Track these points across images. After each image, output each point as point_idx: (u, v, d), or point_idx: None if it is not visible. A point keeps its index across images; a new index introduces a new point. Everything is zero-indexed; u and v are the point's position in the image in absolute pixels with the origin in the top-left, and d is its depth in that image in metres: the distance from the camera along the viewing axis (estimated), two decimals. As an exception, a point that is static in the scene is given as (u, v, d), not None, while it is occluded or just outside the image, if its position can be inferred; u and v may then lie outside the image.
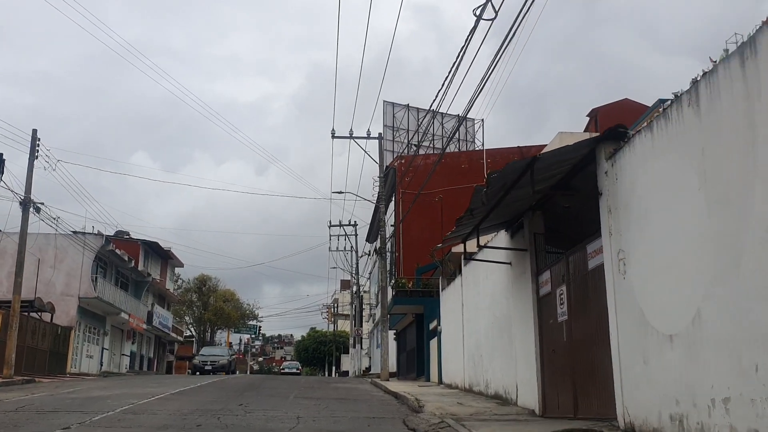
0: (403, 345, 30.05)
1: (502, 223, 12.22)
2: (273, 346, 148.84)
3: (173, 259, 44.76)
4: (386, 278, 24.03)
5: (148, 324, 38.29)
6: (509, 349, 12.06)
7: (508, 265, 12.13)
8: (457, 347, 16.96)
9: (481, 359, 14.32)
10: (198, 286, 55.97)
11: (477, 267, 14.77)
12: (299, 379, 27.32)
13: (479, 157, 33.03)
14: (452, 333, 17.71)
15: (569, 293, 9.34)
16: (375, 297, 49.15)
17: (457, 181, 32.65)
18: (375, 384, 21.51)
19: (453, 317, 17.57)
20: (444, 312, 19.12)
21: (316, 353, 79.37)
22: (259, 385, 19.20)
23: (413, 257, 30.28)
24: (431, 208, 32.60)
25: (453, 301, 17.64)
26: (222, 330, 60.97)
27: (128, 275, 36.59)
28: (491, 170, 9.98)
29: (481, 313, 14.26)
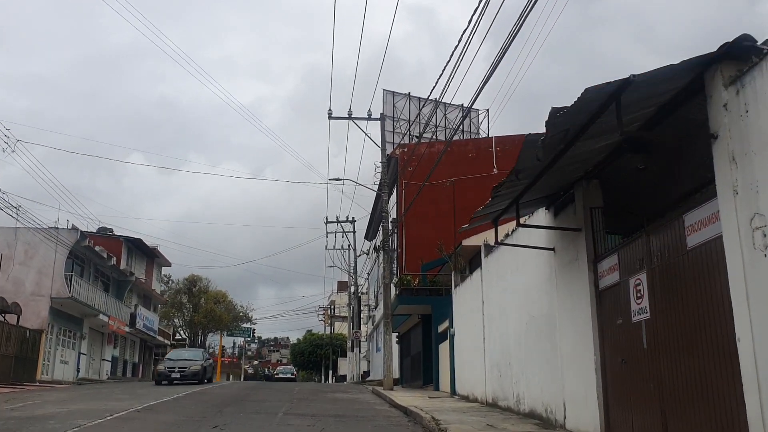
0: (407, 349, 27.54)
1: (542, 199, 9.78)
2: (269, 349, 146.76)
3: (159, 257, 42.15)
4: (390, 274, 21.56)
5: (131, 326, 35.69)
6: (552, 358, 9.61)
7: (549, 251, 9.69)
8: (475, 353, 14.50)
9: (509, 369, 11.85)
10: (188, 286, 53.34)
11: (503, 258, 12.32)
12: (293, 386, 24.81)
13: (488, 145, 30.61)
14: (469, 336, 15.25)
15: (652, 283, 6.90)
16: (374, 298, 46.66)
17: (464, 171, 30.26)
18: (378, 394, 19.01)
19: (470, 318, 15.12)
20: (457, 312, 16.66)
21: (312, 357, 76.83)
22: (245, 396, 16.68)
23: (417, 254, 27.81)
24: (437, 200, 30.16)
25: (469, 300, 15.19)
26: (213, 333, 58.33)
27: (109, 274, 34.02)
28: (531, 136, 7.58)
29: (510, 313, 11.80)
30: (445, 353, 18.88)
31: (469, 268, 21.26)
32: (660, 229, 6.88)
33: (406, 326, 26.29)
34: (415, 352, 25.38)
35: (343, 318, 66.77)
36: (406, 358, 27.50)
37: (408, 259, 28.90)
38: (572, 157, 7.59)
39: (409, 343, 26.86)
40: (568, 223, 8.97)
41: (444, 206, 29.98)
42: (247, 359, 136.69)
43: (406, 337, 27.50)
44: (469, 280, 15.40)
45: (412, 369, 25.68)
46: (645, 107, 6.27)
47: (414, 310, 22.56)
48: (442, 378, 19.54)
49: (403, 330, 27.08)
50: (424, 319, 23.07)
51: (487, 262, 13.67)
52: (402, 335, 28.17)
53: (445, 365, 18.79)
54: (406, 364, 27.17)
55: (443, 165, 30.75)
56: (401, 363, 27.92)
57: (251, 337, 73.99)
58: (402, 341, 28.46)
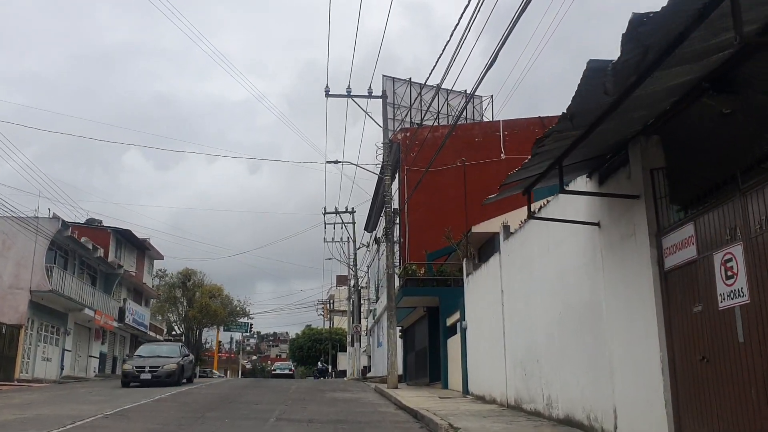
0: (411, 344, 25.91)
1: (580, 165, 8.14)
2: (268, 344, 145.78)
3: (151, 249, 40.47)
4: (392, 264, 19.91)
5: (119, 321, 34.01)
6: (596, 354, 7.98)
7: (592, 227, 8.05)
8: (493, 349, 12.87)
9: (537, 366, 10.22)
10: (182, 280, 51.64)
11: (529, 240, 10.68)
12: (290, 384, 23.20)
13: (494, 129, 28.95)
14: (484, 330, 13.62)
15: (753, 258, 5.26)
16: (375, 291, 45.03)
17: (470, 156, 28.60)
18: (381, 393, 17.40)
19: (485, 310, 13.49)
20: (470, 304, 15.02)
21: (311, 352, 75.34)
22: (234, 398, 15.05)
23: (421, 244, 26.18)
24: (441, 187, 28.51)
25: (485, 290, 13.56)
26: (209, 328, 56.70)
27: (96, 267, 32.34)
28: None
29: (539, 303, 10.16)
30: (455, 349, 17.26)
31: (479, 257, 19.65)
32: (761, 185, 5.23)
33: (411, 320, 24.67)
34: (420, 347, 23.77)
35: (342, 312, 65.24)
36: (410, 353, 25.88)
37: (411, 249, 27.26)
38: (638, 100, 5.93)
39: (413, 337, 25.25)
40: (621, 191, 7.32)
41: (449, 193, 28.35)
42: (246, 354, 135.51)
43: (411, 331, 25.89)
44: (484, 268, 13.75)
45: (417, 365, 24.07)
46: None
47: (419, 302, 20.93)
48: (451, 375, 17.92)
49: (406, 324, 25.45)
50: (430, 312, 21.44)
51: (507, 246, 12.02)
52: (406, 329, 26.56)
53: (455, 362, 17.17)
54: (411, 360, 25.56)
55: (447, 150, 29.07)
56: (405, 359, 26.31)
57: (248, 332, 72.32)
58: (406, 335, 26.85)
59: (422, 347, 23.06)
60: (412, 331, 25.51)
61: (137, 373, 19.55)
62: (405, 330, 26.67)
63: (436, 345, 20.48)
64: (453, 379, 17.64)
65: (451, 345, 18.14)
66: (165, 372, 19.66)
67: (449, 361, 18.25)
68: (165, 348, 22.37)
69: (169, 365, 19.96)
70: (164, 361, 20.16)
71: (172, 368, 19.93)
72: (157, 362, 19.98)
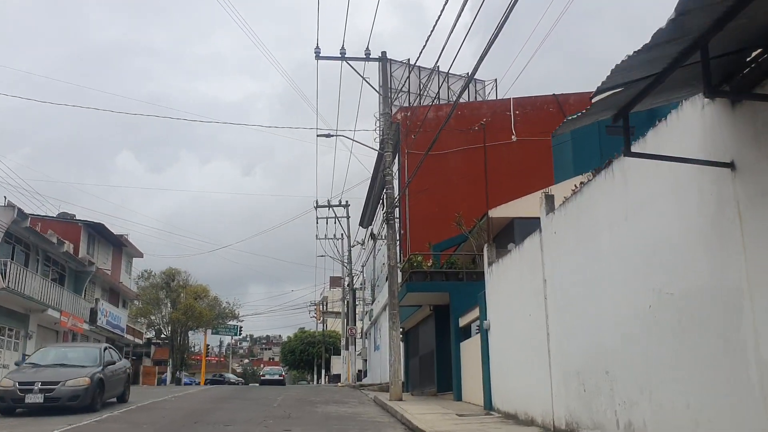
0: (414, 347, 23.05)
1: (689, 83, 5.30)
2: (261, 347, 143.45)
3: (128, 246, 37.46)
4: (395, 253, 17.07)
5: (91, 324, 30.95)
6: (727, 364, 5.16)
7: (720, 169, 5.24)
8: (529, 354, 10.05)
9: (606, 379, 7.39)
10: (165, 281, 48.59)
11: (590, 206, 7.89)
12: (277, 394, 20.31)
13: (504, 108, 26.16)
14: (516, 331, 10.79)
15: None
16: (371, 291, 42.18)
17: (478, 139, 25.78)
18: (383, 407, 14.55)
19: (518, 305, 10.67)
20: (494, 299, 12.20)
21: (303, 355, 72.51)
22: (203, 416, 12.14)
23: (422, 236, 23.34)
24: (445, 172, 25.71)
25: (517, 280, 10.75)
26: (195, 331, 53.58)
27: (63, 263, 29.33)
28: None
29: (610, 292, 7.34)
30: (471, 354, 14.43)
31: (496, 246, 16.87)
32: None
33: (414, 320, 21.81)
34: (425, 351, 20.93)
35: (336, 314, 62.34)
36: (413, 358, 23.00)
37: (412, 243, 24.42)
38: None
39: (417, 340, 22.38)
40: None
41: (454, 180, 25.57)
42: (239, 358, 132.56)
43: (414, 333, 23.02)
44: (515, 253, 10.92)
45: (422, 372, 21.22)
46: None
47: (426, 299, 18.10)
48: (466, 385, 15.08)
49: (409, 325, 22.59)
50: (438, 311, 18.62)
51: (553, 222, 9.21)
52: (408, 331, 23.70)
53: (471, 369, 14.33)
54: (414, 366, 22.68)
55: (452, 132, 26.28)
56: (407, 364, 23.43)
57: (238, 334, 69.15)
58: (408, 338, 23.98)
59: (428, 351, 20.23)
60: (415, 333, 22.64)
61: (21, 395, 12.56)
62: (407, 332, 23.81)
63: (446, 349, 17.66)
64: (469, 389, 14.80)
65: (465, 349, 15.32)
66: (68, 392, 12.71)
67: (463, 368, 15.42)
68: (76, 353, 14.75)
69: (76, 381, 12.90)
70: (69, 373, 13.20)
71: (80, 386, 12.85)
72: (56, 375, 13.10)
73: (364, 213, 40.38)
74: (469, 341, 14.98)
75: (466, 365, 15.17)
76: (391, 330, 16.56)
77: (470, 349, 14.73)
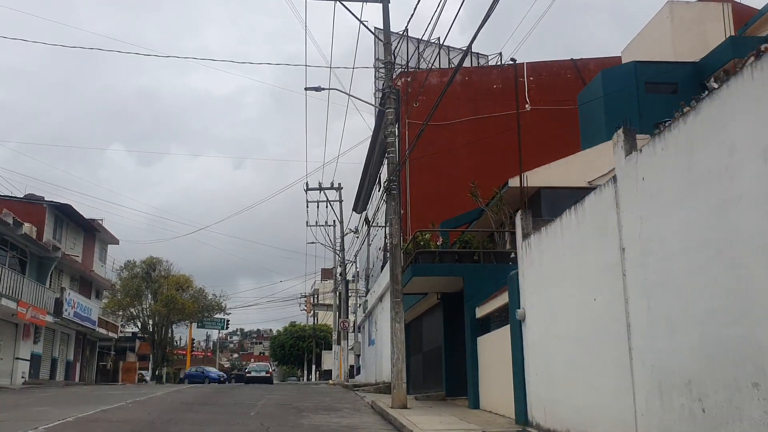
0: (417, 343, 20.24)
1: None
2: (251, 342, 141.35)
3: (101, 232, 34.44)
4: (399, 229, 14.25)
5: (55, 316, 27.95)
6: None
7: None
8: (594, 353, 7.27)
9: (755, 397, 4.58)
10: (146, 270, 45.51)
11: (716, 128, 5.04)
12: (258, 396, 17.51)
13: (517, 74, 23.31)
14: (569, 322, 8.00)
15: None
16: (365, 281, 39.38)
17: (488, 107, 23.03)
18: (385, 417, 11.77)
19: (571, 288, 7.89)
20: (534, 281, 9.40)
21: (293, 350, 69.86)
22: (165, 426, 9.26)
23: (425, 216, 20.57)
24: (450, 145, 22.91)
25: (572, 254, 7.95)
26: (178, 324, 50.59)
27: (24, 248, 26.33)
28: None
29: (763, 256, 4.52)
30: (493, 351, 11.67)
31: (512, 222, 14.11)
32: None
33: (416, 311, 19.02)
34: (430, 347, 18.19)
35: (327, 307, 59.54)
36: (414, 355, 20.17)
37: (414, 222, 21.63)
38: None
39: (419, 334, 19.57)
40: None
41: (461, 155, 22.77)
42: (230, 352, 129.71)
43: (416, 326, 20.22)
44: (567, 218, 8.10)
45: (426, 372, 18.46)
46: None
47: (433, 285, 15.30)
48: (487, 390, 12.30)
49: (410, 316, 19.75)
50: (447, 300, 15.85)
51: (638, 163, 6.41)
52: (409, 324, 20.80)
53: (494, 370, 11.56)
54: (415, 365, 19.87)
55: (459, 101, 23.51)
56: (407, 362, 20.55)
57: (225, 328, 66.27)
58: (408, 332, 21.08)
59: (434, 348, 17.47)
60: (418, 326, 19.82)
61: None
62: (408, 324, 20.91)
63: (457, 345, 14.91)
64: (490, 395, 12.02)
65: (484, 345, 12.53)
66: None
67: (481, 368, 12.63)
68: None
69: None
70: None
71: None
72: None
73: (358, 197, 37.55)
74: (489, 336, 12.20)
75: (485, 365, 12.39)
76: (393, 322, 13.75)
77: (491, 345, 11.96)
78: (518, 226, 9.93)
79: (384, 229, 30.01)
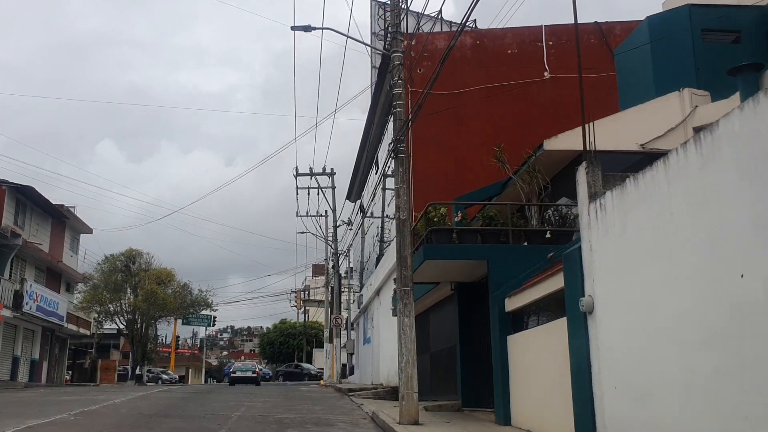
0: (423, 342, 17.44)
1: None
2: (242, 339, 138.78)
3: (71, 219, 31.52)
4: (407, 203, 11.57)
5: (14, 310, 25.01)
6: None
7: None
8: (732, 365, 4.57)
9: None
10: (125, 263, 42.46)
11: None
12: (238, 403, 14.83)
13: (534, 38, 20.66)
14: (680, 318, 5.32)
15: None
16: (359, 277, 36.70)
17: (502, 74, 20.35)
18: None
19: (688, 267, 5.22)
20: (614, 261, 6.73)
21: (283, 348, 67.12)
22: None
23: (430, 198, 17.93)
24: (461, 119, 20.22)
25: (690, 214, 5.26)
26: (160, 321, 47.55)
27: (-24, 234, 23.43)
28: None
29: None
30: (533, 353, 9.02)
31: (552, 188, 11.59)
32: None
33: (422, 304, 16.33)
34: (440, 347, 15.55)
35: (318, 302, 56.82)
36: (420, 356, 17.37)
37: (418, 204, 18.95)
38: None
39: (425, 331, 16.86)
40: None
41: (473, 128, 20.08)
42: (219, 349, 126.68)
43: (422, 321, 17.42)
44: (678, 160, 5.41)
45: (434, 376, 15.83)
46: None
47: (448, 271, 12.60)
48: (522, 402, 9.63)
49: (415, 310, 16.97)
50: (463, 291, 13.22)
51: None
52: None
53: (535, 378, 8.91)
54: (421, 367, 16.95)
55: (470, 67, 20.79)
56: (411, 363, 17.83)
57: (211, 325, 63.41)
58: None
59: (445, 348, 14.84)
60: (424, 322, 17.09)
61: None
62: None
63: (476, 345, 12.32)
64: (529, 409, 9.35)
65: (518, 346, 9.87)
66: None
67: (514, 375, 9.96)
68: None
69: None
70: None
71: None
72: None
73: (352, 184, 34.86)
74: (527, 334, 9.54)
75: (520, 371, 9.73)
76: (401, 316, 11.10)
77: (530, 345, 9.31)
78: (582, 185, 7.25)
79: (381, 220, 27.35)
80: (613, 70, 19.83)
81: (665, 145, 11.76)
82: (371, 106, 26.13)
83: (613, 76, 19.69)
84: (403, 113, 11.61)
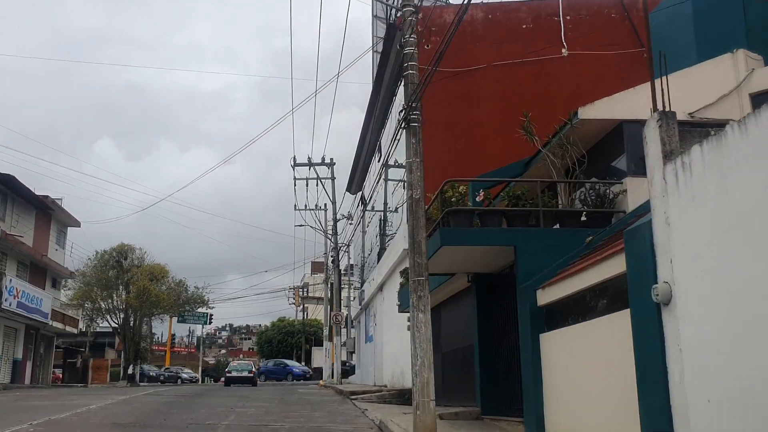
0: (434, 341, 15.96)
1: None
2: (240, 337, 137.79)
3: (56, 211, 29.96)
4: (420, 179, 10.09)
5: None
6: None
7: None
8: None
9: None
10: (116, 259, 40.95)
11: None
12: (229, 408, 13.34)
13: (551, 12, 19.11)
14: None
15: None
16: (360, 272, 35.23)
17: (516, 51, 18.83)
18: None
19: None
20: (706, 236, 5.20)
21: (282, 346, 65.65)
22: None
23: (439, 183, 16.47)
24: (472, 98, 18.72)
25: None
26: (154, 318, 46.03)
27: (-50, 225, 21.89)
28: None
29: None
30: (576, 354, 7.51)
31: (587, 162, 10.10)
32: None
33: (434, 299, 14.76)
34: (454, 346, 14.07)
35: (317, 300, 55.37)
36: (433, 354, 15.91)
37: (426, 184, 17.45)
38: None
39: (437, 329, 15.31)
40: None
41: (485, 108, 18.58)
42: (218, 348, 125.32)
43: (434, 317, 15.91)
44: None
45: (446, 379, 14.34)
46: None
47: (466, 260, 11.10)
48: (558, 412, 8.13)
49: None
50: (482, 283, 11.73)
51: None
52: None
53: (580, 385, 7.41)
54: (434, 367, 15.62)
55: (482, 43, 19.23)
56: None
57: (208, 323, 61.91)
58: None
59: (459, 347, 13.36)
60: (435, 319, 15.51)
61: None
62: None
63: (497, 344, 10.83)
64: (570, 422, 7.84)
65: (554, 346, 8.36)
66: None
67: (549, 380, 8.46)
68: None
69: None
70: None
71: None
72: None
73: (352, 174, 33.34)
74: (567, 331, 8.03)
75: (557, 375, 8.22)
76: (414, 311, 9.64)
77: (570, 345, 7.81)
78: (654, 141, 5.72)
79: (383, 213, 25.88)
80: (637, 47, 18.38)
81: (717, 114, 10.28)
82: (373, 90, 24.65)
83: (635, 54, 18.24)
84: (416, 76, 10.12)
